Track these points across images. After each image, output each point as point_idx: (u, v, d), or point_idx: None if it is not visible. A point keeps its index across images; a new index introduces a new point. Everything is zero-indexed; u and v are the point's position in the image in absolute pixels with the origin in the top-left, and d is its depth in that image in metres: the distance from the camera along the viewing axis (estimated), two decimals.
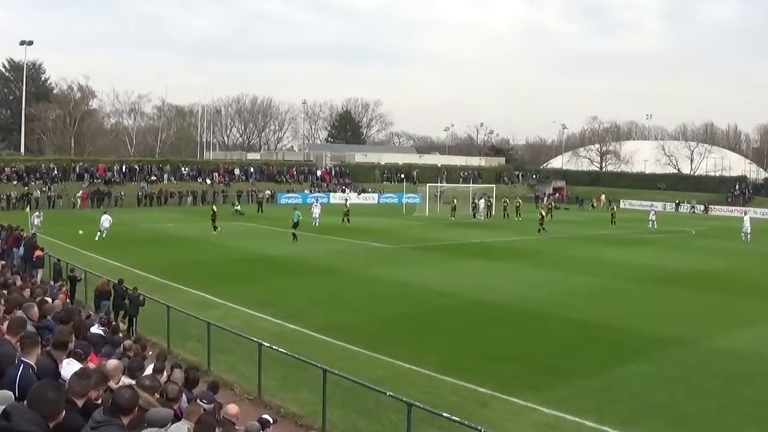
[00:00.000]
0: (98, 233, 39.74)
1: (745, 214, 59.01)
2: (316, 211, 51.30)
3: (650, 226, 56.44)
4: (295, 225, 41.29)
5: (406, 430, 10.99)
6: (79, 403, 6.02)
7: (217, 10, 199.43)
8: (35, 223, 40.16)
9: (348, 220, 51.66)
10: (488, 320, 22.10)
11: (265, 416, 9.33)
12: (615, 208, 62.15)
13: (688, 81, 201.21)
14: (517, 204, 64.06)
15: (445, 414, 11.12)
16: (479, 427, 10.28)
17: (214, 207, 48.09)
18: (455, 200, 62.83)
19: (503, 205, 63.74)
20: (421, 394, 13.81)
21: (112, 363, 8.10)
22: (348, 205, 56.86)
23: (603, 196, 76.27)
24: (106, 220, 40.28)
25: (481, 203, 63.48)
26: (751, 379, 16.39)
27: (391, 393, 11.93)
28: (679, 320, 22.51)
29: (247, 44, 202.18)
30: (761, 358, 18.18)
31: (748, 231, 47.91)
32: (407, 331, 20.34)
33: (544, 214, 52.22)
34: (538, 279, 29.87)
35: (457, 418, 10.89)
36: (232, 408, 8.78)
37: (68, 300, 18.03)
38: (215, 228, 44.21)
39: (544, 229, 49.18)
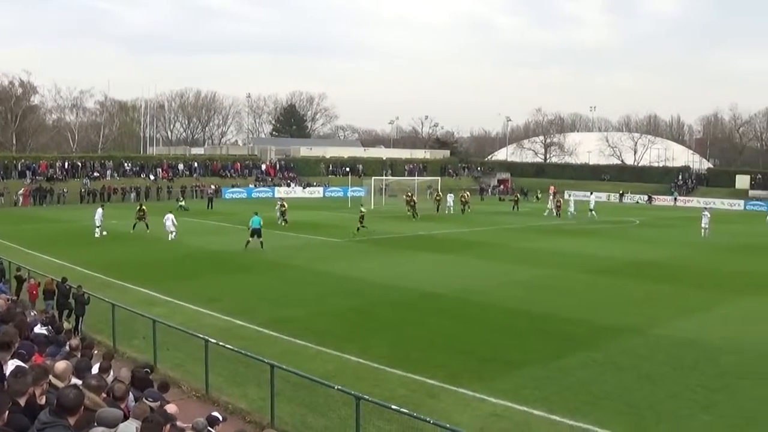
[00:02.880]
0: (96, 230, 39.52)
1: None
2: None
3: (570, 213, 58.74)
4: (257, 233, 35.66)
5: (355, 424, 11.01)
6: (22, 402, 5.96)
7: (159, 3, 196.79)
8: (172, 232, 38.18)
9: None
10: (435, 312, 22.23)
11: (215, 414, 9.32)
12: (561, 200, 62.76)
13: (631, 73, 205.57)
14: (466, 197, 63.88)
15: (393, 406, 11.19)
16: (428, 419, 10.41)
17: (144, 206, 44.17)
18: (412, 194, 59.16)
19: (461, 199, 61.80)
20: (369, 387, 13.88)
21: (61, 365, 7.97)
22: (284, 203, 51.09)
23: (553, 188, 76.59)
24: (98, 217, 39.87)
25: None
26: (697, 366, 16.72)
27: (339, 387, 11.93)
28: (626, 309, 22.85)
29: (191, 38, 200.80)
30: (706, 345, 18.54)
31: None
32: (354, 325, 20.43)
33: (364, 211, 46.01)
34: (484, 270, 30.14)
35: (406, 410, 10.97)
36: (170, 407, 8.77)
37: (34, 301, 17.70)
38: (134, 226, 41.39)
39: (363, 227, 42.45)
